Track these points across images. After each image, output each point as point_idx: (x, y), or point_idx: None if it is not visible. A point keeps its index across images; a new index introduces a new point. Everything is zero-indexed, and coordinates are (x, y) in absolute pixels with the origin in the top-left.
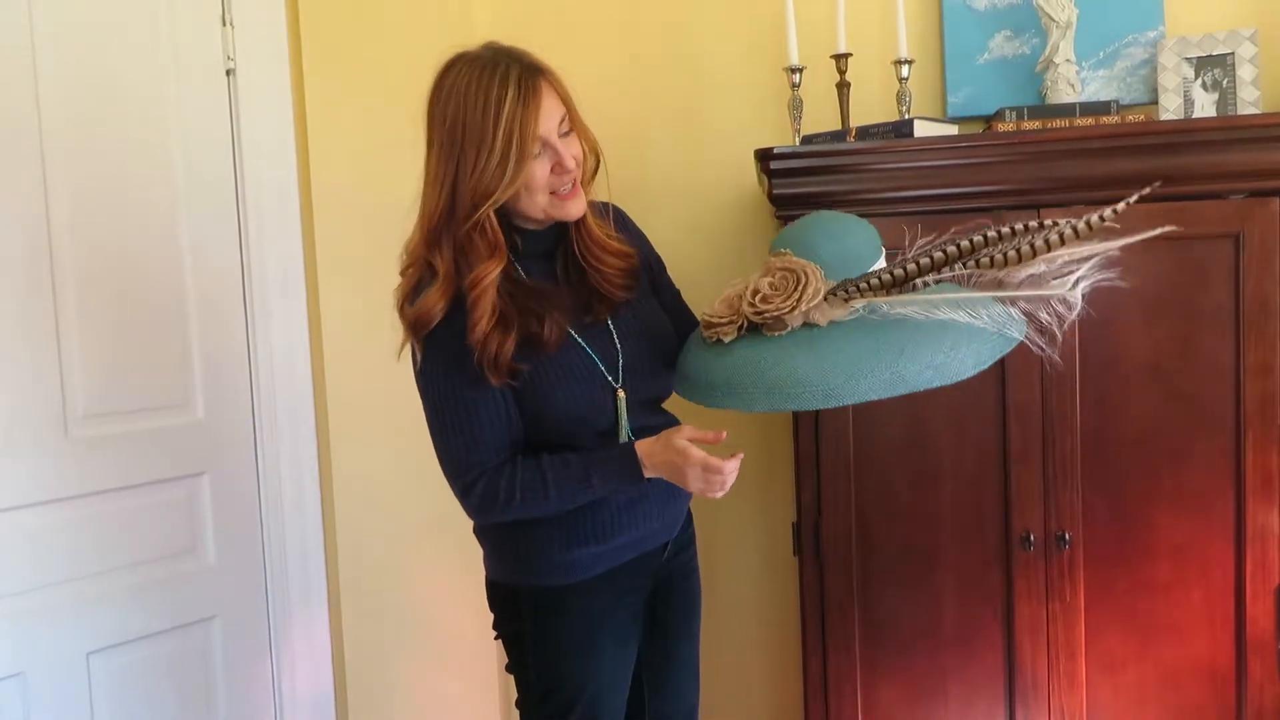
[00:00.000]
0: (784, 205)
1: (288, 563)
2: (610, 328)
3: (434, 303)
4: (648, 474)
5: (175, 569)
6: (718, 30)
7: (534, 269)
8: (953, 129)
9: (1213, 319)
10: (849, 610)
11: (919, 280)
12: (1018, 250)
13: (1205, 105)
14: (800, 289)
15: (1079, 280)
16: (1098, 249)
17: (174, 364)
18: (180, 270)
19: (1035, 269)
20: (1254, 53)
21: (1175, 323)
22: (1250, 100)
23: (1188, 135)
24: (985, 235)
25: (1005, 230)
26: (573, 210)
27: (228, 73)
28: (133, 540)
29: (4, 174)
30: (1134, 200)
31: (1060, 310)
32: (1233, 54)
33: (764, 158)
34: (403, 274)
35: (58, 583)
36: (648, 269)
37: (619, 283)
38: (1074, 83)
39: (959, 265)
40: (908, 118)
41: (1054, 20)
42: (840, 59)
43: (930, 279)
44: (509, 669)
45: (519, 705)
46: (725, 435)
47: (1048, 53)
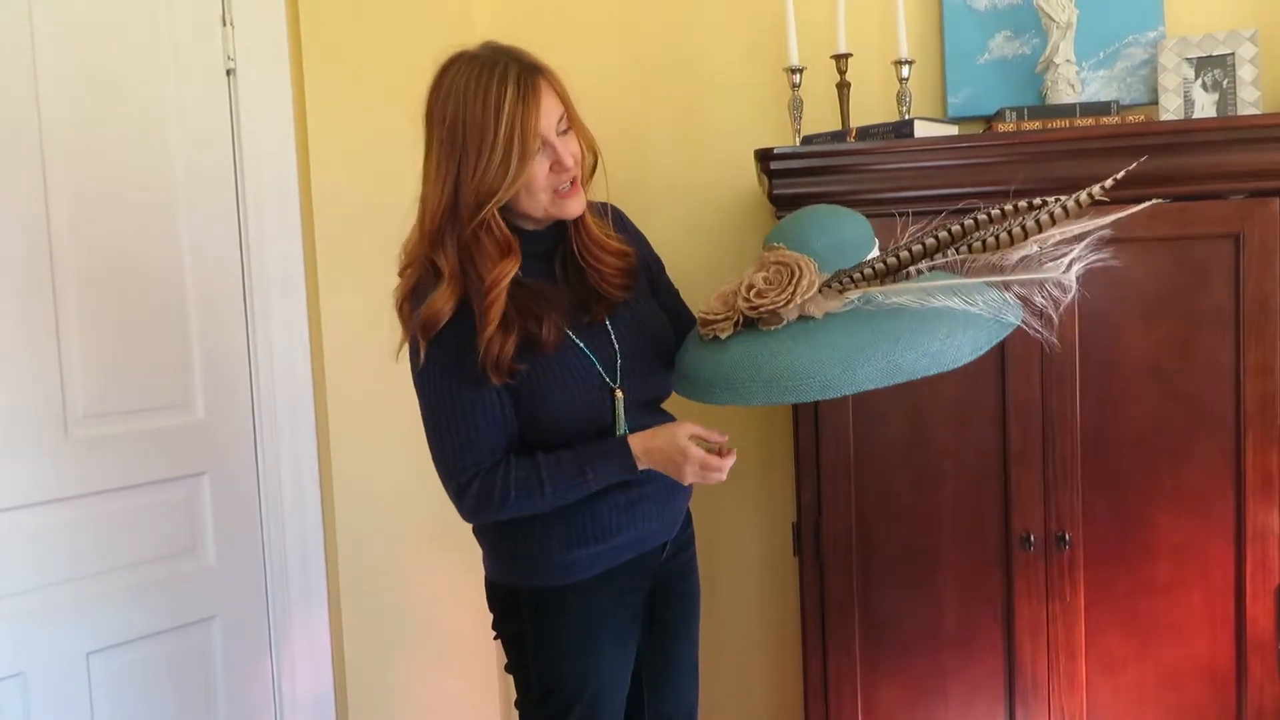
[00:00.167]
0: (784, 205)
1: (288, 563)
2: (608, 328)
3: (442, 304)
4: (642, 467)
5: (175, 569)
6: (718, 30)
7: (532, 269)
8: (953, 129)
9: (1213, 319)
10: (849, 610)
11: (912, 268)
12: (1009, 232)
13: (1205, 105)
14: (794, 282)
15: (1073, 262)
16: (1089, 227)
17: (174, 364)
18: (180, 270)
19: (1028, 250)
20: (1254, 53)
21: (1175, 323)
22: (1250, 100)
23: (1188, 135)
24: (976, 219)
25: (996, 212)
26: (572, 209)
27: (228, 73)
28: (133, 540)
29: (4, 174)
30: (1120, 176)
31: (1055, 293)
32: (1233, 54)
33: (764, 158)
34: (401, 274)
35: (58, 583)
36: (646, 269)
37: (617, 283)
38: (1074, 83)
39: (951, 250)
40: (908, 118)
41: (1054, 20)
42: (840, 59)
43: (924, 266)
44: (508, 669)
45: (518, 705)
46: (726, 439)
47: (1048, 53)
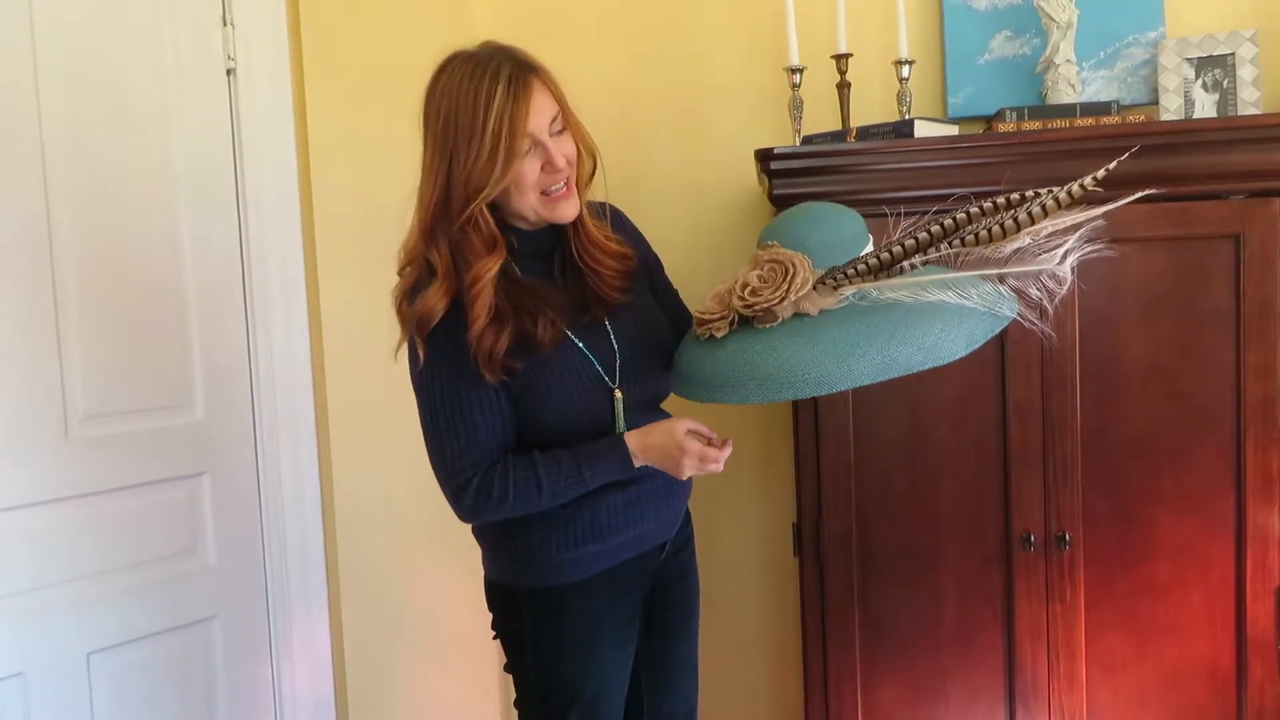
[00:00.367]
0: (784, 205)
1: (288, 563)
2: (608, 328)
3: (435, 301)
4: (638, 463)
5: (175, 569)
6: (718, 30)
7: (532, 268)
8: (953, 129)
9: (1213, 319)
10: (849, 610)
11: (906, 263)
12: (1002, 225)
13: (1206, 106)
14: (789, 279)
15: (1067, 253)
16: (1082, 219)
17: (174, 364)
18: (180, 270)
19: (1021, 243)
20: (1254, 53)
21: (1175, 323)
22: (1250, 101)
23: (1188, 135)
24: (968, 212)
25: (989, 205)
26: (564, 212)
27: (228, 73)
28: (133, 540)
29: (4, 174)
30: (1113, 167)
31: (1051, 285)
32: (1233, 54)
33: (764, 158)
34: (400, 273)
35: (58, 583)
36: (645, 269)
37: (616, 284)
38: (1074, 83)
39: (945, 244)
40: (908, 118)
41: (1054, 21)
42: (840, 59)
43: (918, 260)
44: (508, 669)
45: (518, 705)
46: (720, 438)
47: (1048, 53)
